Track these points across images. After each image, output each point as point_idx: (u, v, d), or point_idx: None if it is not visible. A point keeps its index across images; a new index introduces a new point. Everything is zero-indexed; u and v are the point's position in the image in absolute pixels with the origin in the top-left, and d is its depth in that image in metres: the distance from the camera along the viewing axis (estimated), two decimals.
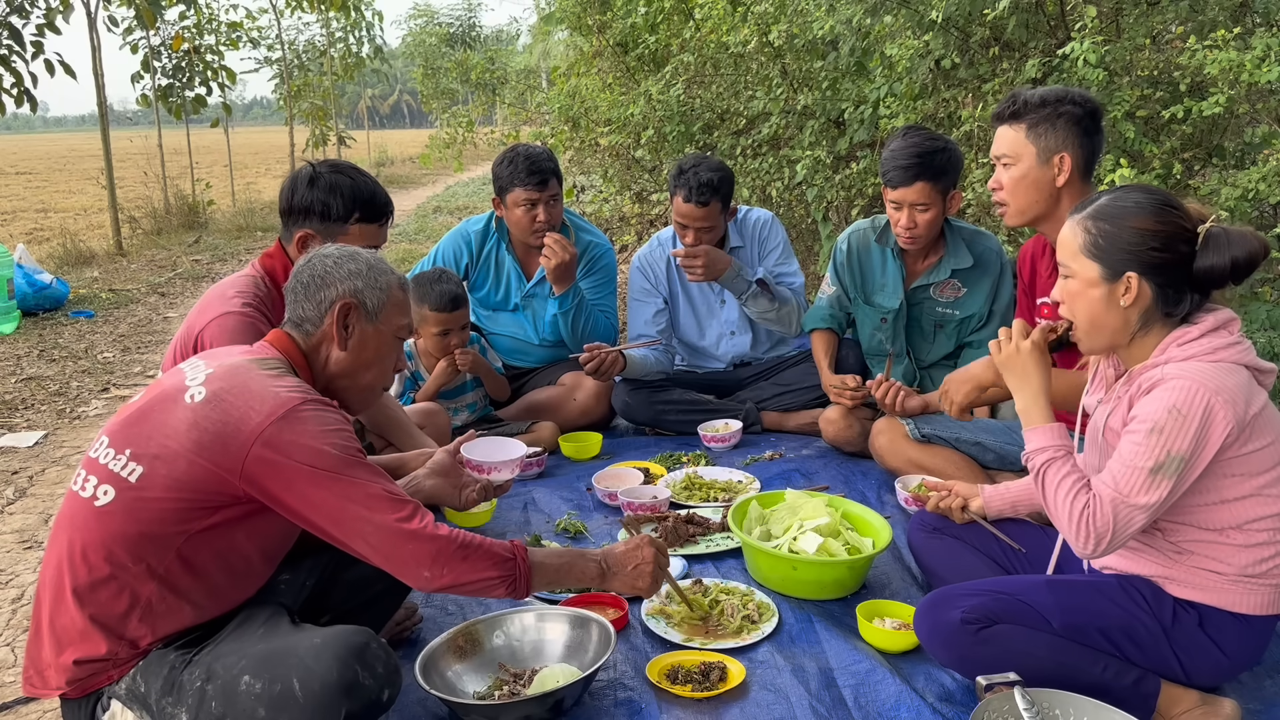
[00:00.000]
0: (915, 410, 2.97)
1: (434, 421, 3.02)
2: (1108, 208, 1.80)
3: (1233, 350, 1.74)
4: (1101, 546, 1.72)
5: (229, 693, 1.56)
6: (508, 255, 3.73)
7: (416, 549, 1.66)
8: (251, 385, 1.67)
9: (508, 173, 3.51)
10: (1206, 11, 3.76)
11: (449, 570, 1.68)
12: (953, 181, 3.06)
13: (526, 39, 24.10)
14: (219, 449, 1.61)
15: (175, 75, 11.87)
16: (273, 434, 1.61)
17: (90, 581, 1.63)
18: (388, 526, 1.65)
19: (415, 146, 23.98)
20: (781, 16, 5.15)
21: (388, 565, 1.69)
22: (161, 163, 11.47)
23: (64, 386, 5.14)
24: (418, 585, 1.70)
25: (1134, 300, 1.77)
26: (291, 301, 1.88)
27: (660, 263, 3.76)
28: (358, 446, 1.70)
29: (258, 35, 14.66)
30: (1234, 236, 1.73)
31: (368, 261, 1.89)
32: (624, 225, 7.26)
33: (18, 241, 8.93)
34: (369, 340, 1.87)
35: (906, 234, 3.10)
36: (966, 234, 3.24)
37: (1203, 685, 1.85)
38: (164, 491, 1.62)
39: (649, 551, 1.97)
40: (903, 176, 3.00)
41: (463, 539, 1.70)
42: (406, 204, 15.57)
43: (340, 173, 2.44)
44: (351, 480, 1.65)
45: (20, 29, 8.16)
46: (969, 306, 3.22)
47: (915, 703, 1.91)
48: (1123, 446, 1.73)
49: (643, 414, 3.62)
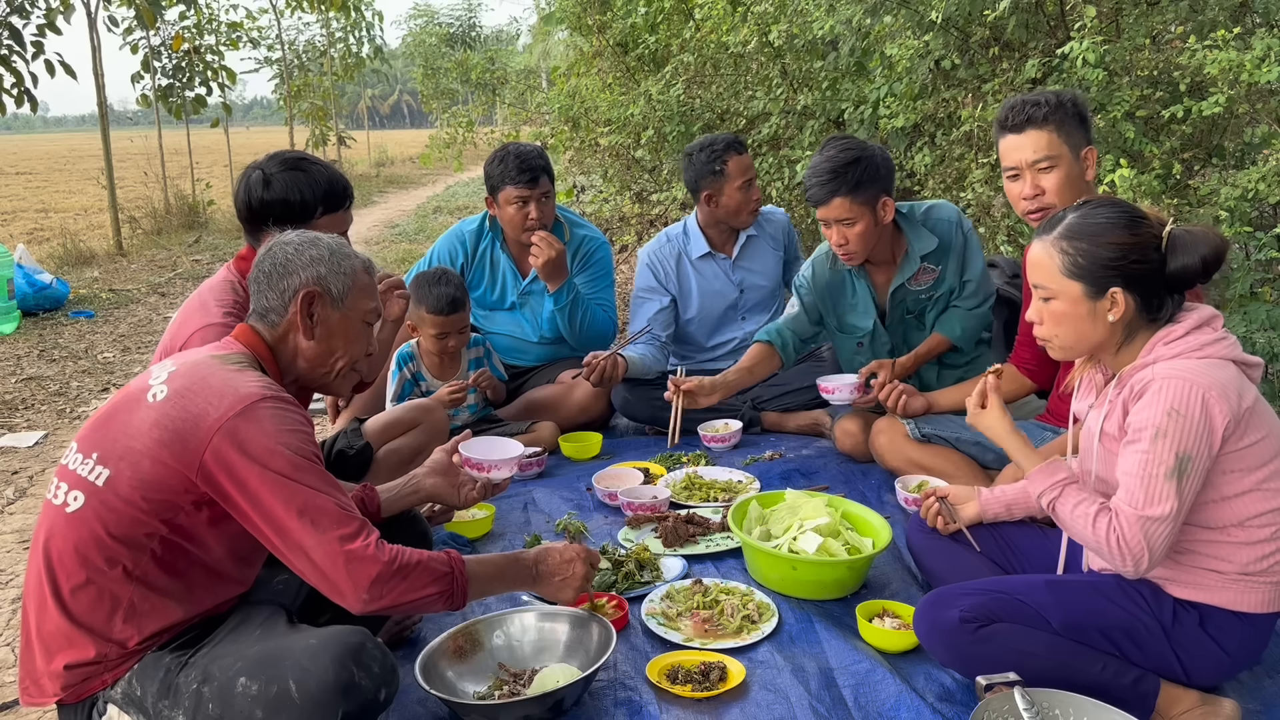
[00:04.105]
0: (918, 411, 2.97)
1: (432, 420, 3.01)
2: (1080, 227, 1.82)
3: (1219, 346, 1.75)
4: (1144, 565, 1.71)
5: (225, 695, 1.56)
6: (503, 254, 3.74)
7: (355, 572, 1.60)
8: (212, 381, 1.65)
9: (499, 171, 3.53)
10: (1206, 11, 3.76)
11: (388, 593, 1.63)
12: (881, 189, 2.92)
13: (526, 39, 24.11)
14: (179, 446, 1.60)
15: (175, 75, 11.87)
16: (230, 430, 1.59)
17: (70, 587, 1.63)
18: (328, 545, 1.59)
19: (415, 146, 23.98)
20: (781, 16, 5.14)
21: (323, 586, 1.63)
22: (161, 163, 11.47)
23: (64, 386, 5.14)
24: (355, 609, 1.63)
25: (1120, 314, 1.80)
26: (255, 292, 1.84)
27: (671, 259, 3.76)
28: (315, 451, 1.66)
29: (258, 35, 14.69)
30: (1197, 236, 1.76)
31: (329, 247, 1.85)
32: (624, 225, 7.26)
33: (18, 241, 8.93)
34: (336, 327, 1.84)
35: (841, 252, 3.01)
36: (920, 214, 3.12)
37: (1203, 685, 1.85)
38: (130, 493, 1.61)
39: (580, 568, 1.98)
40: (820, 194, 2.91)
41: (402, 560, 1.65)
42: (406, 204, 15.58)
43: (293, 168, 2.39)
44: (299, 487, 1.60)
45: (20, 29, 8.18)
46: (947, 282, 3.15)
47: (915, 703, 1.91)
48: (1128, 460, 1.73)
49: (642, 411, 3.62)
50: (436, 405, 3.10)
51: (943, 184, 4.22)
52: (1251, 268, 3.26)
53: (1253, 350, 2.90)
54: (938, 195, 4.22)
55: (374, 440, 2.87)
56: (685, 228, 3.82)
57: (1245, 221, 3.16)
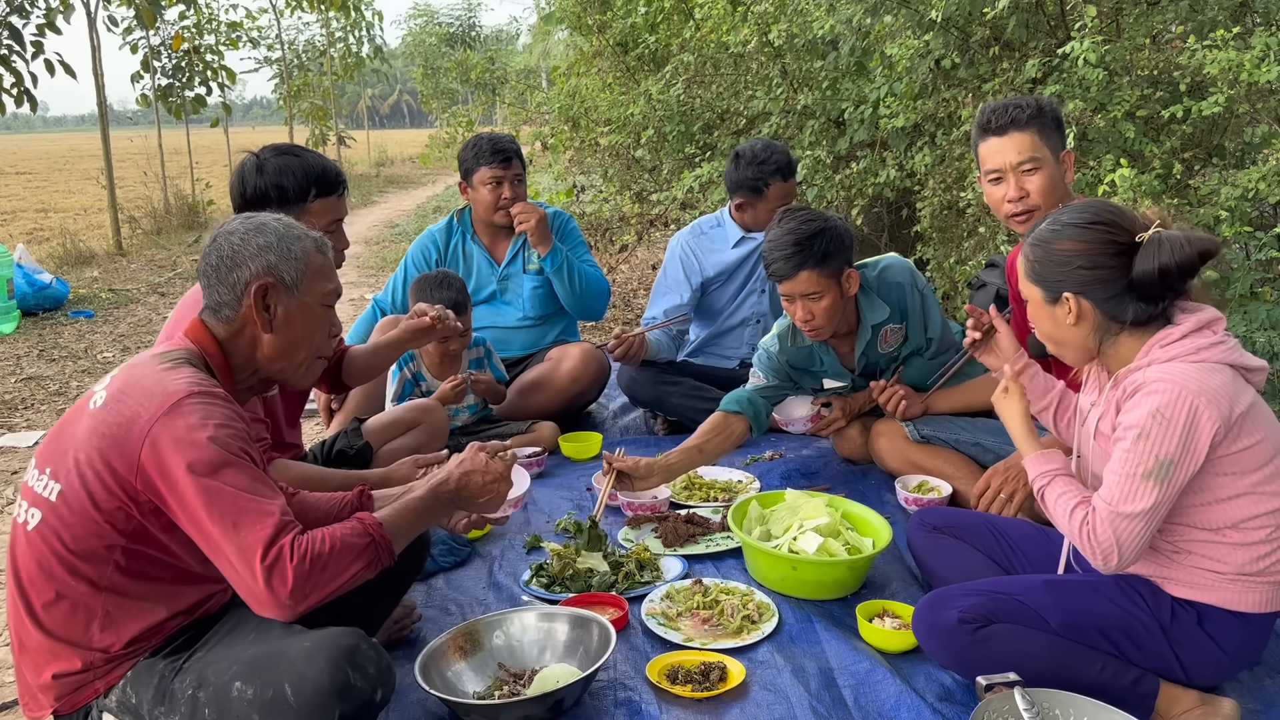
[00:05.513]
0: (916, 414, 2.98)
1: (431, 420, 3.01)
2: (1042, 232, 1.85)
3: (1216, 350, 1.74)
4: (1112, 561, 1.73)
5: (221, 700, 1.55)
6: (474, 245, 3.84)
7: (275, 583, 1.51)
8: (144, 382, 1.61)
9: (473, 154, 3.69)
10: (1206, 11, 3.76)
11: (312, 591, 1.54)
12: (845, 260, 2.81)
13: (526, 39, 24.11)
14: (118, 452, 1.55)
15: (175, 75, 11.87)
16: (158, 431, 1.54)
17: (41, 604, 1.62)
18: (247, 555, 1.51)
19: (415, 146, 23.98)
20: (781, 16, 5.14)
21: (248, 600, 1.55)
22: (161, 163, 11.47)
23: (64, 386, 5.14)
24: (283, 619, 1.55)
25: (1076, 319, 1.82)
26: (205, 287, 1.76)
27: (703, 253, 3.73)
28: (241, 446, 1.58)
29: (258, 35, 14.69)
30: (1170, 243, 1.72)
31: (277, 231, 1.76)
32: (624, 225, 7.26)
33: (18, 241, 8.93)
34: (295, 316, 1.77)
35: (807, 328, 2.86)
36: (873, 279, 2.96)
37: (1202, 684, 1.85)
38: (81, 505, 1.57)
39: (504, 486, 1.87)
40: (785, 268, 2.75)
41: (314, 553, 1.55)
42: (406, 204, 15.58)
43: (286, 154, 2.41)
44: (220, 487, 1.52)
45: (20, 29, 8.17)
46: (913, 341, 3.08)
47: (915, 703, 1.91)
48: (1114, 457, 1.74)
49: (646, 392, 3.64)
50: (436, 405, 3.10)
51: (943, 184, 4.22)
52: (1251, 268, 3.26)
53: (1252, 349, 2.90)
54: (938, 195, 4.23)
55: (374, 440, 2.87)
56: (720, 219, 3.82)
57: (1245, 221, 3.16)
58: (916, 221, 4.43)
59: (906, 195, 4.84)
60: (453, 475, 1.84)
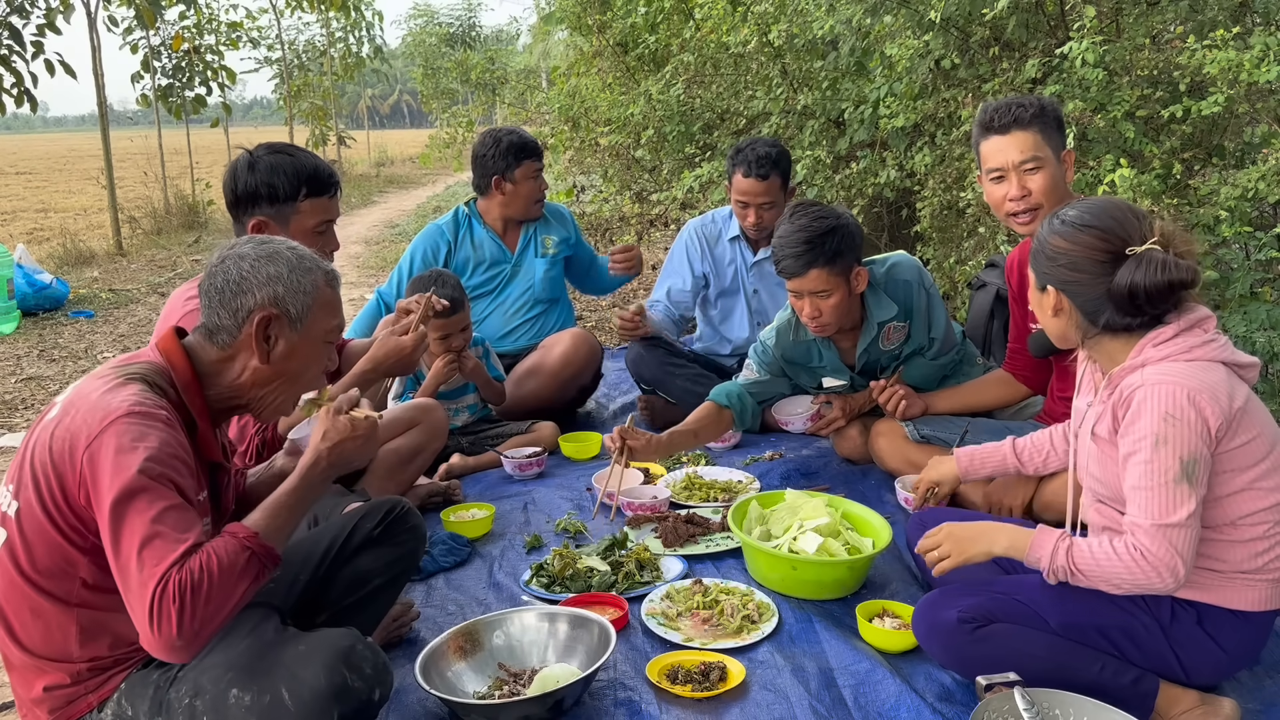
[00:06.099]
0: (916, 414, 2.98)
1: (430, 418, 3.01)
2: (1050, 221, 1.87)
3: (1208, 348, 1.74)
4: (1180, 573, 1.67)
5: (219, 707, 1.54)
6: (485, 232, 3.90)
7: (162, 624, 1.41)
8: (91, 397, 1.56)
9: (512, 152, 3.77)
10: (1206, 11, 3.76)
11: (204, 626, 1.44)
12: (855, 259, 2.80)
13: (526, 39, 24.11)
14: (65, 469, 1.52)
15: (175, 75, 11.89)
16: (94, 449, 1.49)
17: (19, 625, 1.60)
18: (143, 590, 1.41)
19: (415, 146, 23.99)
20: (781, 16, 5.14)
21: (142, 635, 1.44)
22: (161, 163, 11.48)
23: (64, 386, 5.14)
24: (179, 659, 1.46)
25: (1055, 312, 1.85)
26: (206, 307, 1.70)
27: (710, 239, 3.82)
28: (161, 469, 1.49)
29: (258, 35, 14.71)
30: (1150, 264, 1.71)
31: (289, 261, 1.70)
32: (624, 225, 7.26)
33: (18, 241, 8.93)
34: (295, 350, 1.71)
35: (814, 324, 2.85)
36: (881, 276, 2.95)
37: (1202, 684, 1.85)
38: (37, 523, 1.55)
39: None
40: (795, 265, 2.73)
41: (193, 584, 1.42)
42: (406, 204, 15.58)
43: (279, 153, 2.38)
44: (131, 512, 1.44)
45: (20, 29, 8.18)
46: (915, 340, 3.08)
47: (915, 703, 1.91)
48: (1133, 474, 1.72)
49: (650, 371, 3.67)
50: (436, 405, 3.10)
51: (943, 184, 4.22)
52: (1251, 268, 3.26)
53: (1253, 350, 2.90)
54: (938, 195, 4.22)
55: None
56: (730, 209, 3.86)
57: (1245, 221, 3.15)
58: (916, 221, 4.43)
59: (906, 195, 4.84)
60: (321, 454, 1.69)
